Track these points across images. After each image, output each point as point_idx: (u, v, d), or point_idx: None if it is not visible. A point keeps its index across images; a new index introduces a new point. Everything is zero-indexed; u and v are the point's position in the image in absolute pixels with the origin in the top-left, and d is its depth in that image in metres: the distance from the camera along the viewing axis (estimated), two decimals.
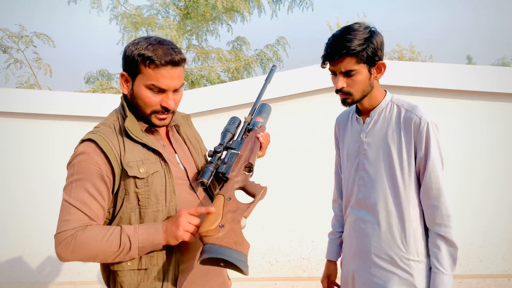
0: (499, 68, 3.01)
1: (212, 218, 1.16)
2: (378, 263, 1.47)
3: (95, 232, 1.15)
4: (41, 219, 2.88)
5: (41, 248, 2.92)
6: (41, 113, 2.96)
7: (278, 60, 10.17)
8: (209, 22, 10.36)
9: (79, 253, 1.14)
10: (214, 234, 1.12)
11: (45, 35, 8.38)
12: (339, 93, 1.46)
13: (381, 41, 1.43)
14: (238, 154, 1.37)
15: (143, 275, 1.21)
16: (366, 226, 1.51)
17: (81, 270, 2.98)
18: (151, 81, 1.21)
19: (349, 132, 1.62)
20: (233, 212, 1.19)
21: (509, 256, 3.03)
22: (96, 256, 1.15)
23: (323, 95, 3.05)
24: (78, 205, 1.16)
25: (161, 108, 1.24)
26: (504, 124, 3.01)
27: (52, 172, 2.91)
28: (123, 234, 1.15)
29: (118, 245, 1.14)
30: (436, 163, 1.39)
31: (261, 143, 1.46)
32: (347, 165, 1.60)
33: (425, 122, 1.38)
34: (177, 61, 1.22)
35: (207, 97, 3.04)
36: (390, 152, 1.45)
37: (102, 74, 10.34)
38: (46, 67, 8.46)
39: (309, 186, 3.05)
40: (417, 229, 1.44)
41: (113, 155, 1.20)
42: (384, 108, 1.49)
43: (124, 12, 9.74)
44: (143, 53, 1.20)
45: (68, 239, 1.14)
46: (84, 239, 1.13)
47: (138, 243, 1.15)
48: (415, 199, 1.44)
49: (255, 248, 3.05)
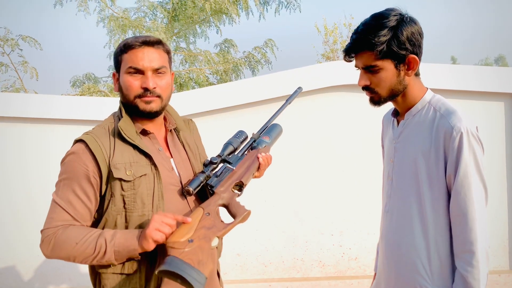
0: (499, 68, 3.07)
1: (184, 230, 1.11)
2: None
3: (75, 233, 1.15)
4: (39, 223, 2.83)
5: (35, 253, 2.89)
6: (41, 117, 2.92)
7: (267, 62, 10.18)
8: (196, 24, 10.32)
9: (58, 252, 1.16)
10: (181, 248, 1.08)
11: (31, 38, 8.26)
12: (365, 91, 1.30)
13: (413, 31, 1.19)
14: (233, 170, 1.32)
15: (125, 279, 1.20)
16: (388, 247, 1.34)
17: (72, 276, 2.94)
18: (128, 64, 1.23)
19: (388, 134, 1.44)
20: (207, 229, 1.14)
21: (500, 252, 3.08)
22: (75, 257, 1.15)
23: (317, 96, 3.06)
24: (63, 205, 1.18)
25: (143, 90, 1.23)
26: (504, 123, 3.06)
27: (51, 176, 2.86)
28: (101, 237, 1.14)
29: (94, 248, 1.13)
30: (465, 182, 1.15)
31: (260, 164, 1.40)
32: (384, 171, 1.43)
33: (458, 132, 1.15)
34: (150, 41, 1.24)
35: (195, 99, 3.02)
36: (418, 163, 1.23)
37: (88, 77, 10.22)
38: (32, 71, 8.33)
39: (303, 187, 3.06)
40: (445, 256, 1.22)
41: (102, 156, 1.19)
42: (420, 110, 1.27)
43: (112, 15, 9.65)
44: (123, 44, 1.25)
45: (50, 237, 1.16)
46: (63, 239, 1.15)
47: (114, 247, 1.13)
48: (445, 221, 1.21)
49: (249, 249, 3.04)
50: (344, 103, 3.07)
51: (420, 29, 1.22)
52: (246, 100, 2.98)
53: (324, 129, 3.07)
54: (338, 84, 3.04)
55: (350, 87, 3.05)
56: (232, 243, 3.01)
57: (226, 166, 1.34)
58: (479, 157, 1.17)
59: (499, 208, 3.07)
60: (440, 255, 1.22)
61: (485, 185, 1.19)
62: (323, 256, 3.08)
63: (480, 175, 1.18)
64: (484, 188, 1.19)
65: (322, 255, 3.08)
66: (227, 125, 2.97)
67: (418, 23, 1.23)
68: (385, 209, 1.38)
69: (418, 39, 1.21)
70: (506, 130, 3.08)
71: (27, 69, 8.30)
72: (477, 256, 1.15)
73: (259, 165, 1.41)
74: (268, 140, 1.48)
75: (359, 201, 3.06)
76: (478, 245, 1.15)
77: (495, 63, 42.80)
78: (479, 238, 1.15)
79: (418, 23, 1.23)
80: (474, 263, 1.15)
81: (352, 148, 3.05)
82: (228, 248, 3.01)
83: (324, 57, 13.30)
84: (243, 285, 2.99)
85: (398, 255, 1.30)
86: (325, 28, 13.04)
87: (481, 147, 1.19)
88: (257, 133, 1.50)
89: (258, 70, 10.10)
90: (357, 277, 3.05)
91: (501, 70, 3.08)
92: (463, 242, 1.17)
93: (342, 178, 3.07)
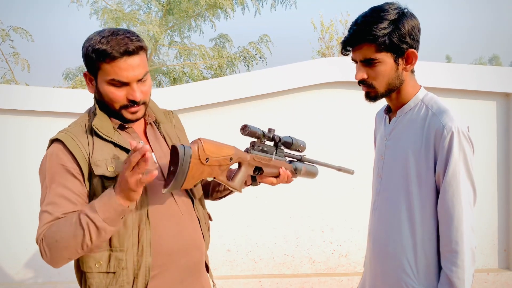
0: (493, 67, 3.08)
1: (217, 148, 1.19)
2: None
3: (57, 226, 1.10)
4: (36, 216, 2.82)
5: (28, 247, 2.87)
6: (41, 110, 2.88)
7: (262, 57, 10.16)
8: (191, 18, 10.26)
9: (55, 252, 1.10)
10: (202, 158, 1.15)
11: (22, 29, 8.15)
12: (361, 85, 1.27)
13: (413, 25, 1.19)
14: (270, 158, 1.37)
15: (111, 278, 1.17)
16: (375, 244, 1.34)
17: (61, 269, 2.91)
18: (110, 76, 1.14)
19: (379, 131, 1.43)
20: (218, 166, 1.21)
21: (489, 251, 3.10)
22: (70, 248, 1.08)
23: (310, 92, 3.05)
24: (49, 209, 1.13)
25: (129, 102, 1.18)
26: (496, 122, 3.07)
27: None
28: (81, 216, 1.07)
29: (82, 229, 1.06)
30: (454, 181, 1.15)
31: (279, 174, 1.42)
32: (374, 168, 1.42)
33: (449, 131, 1.14)
34: (132, 50, 1.13)
35: (189, 94, 2.99)
36: (408, 161, 1.22)
37: (81, 70, 10.14)
38: (23, 62, 8.22)
39: (294, 183, 3.04)
40: (431, 255, 1.21)
41: (81, 154, 1.15)
42: (412, 108, 1.26)
43: (105, 7, 9.55)
44: (97, 48, 1.13)
45: (41, 244, 1.11)
46: (50, 236, 1.09)
47: (100, 215, 1.06)
48: (433, 220, 1.21)
49: (239, 245, 3.03)
50: (337, 99, 3.06)
51: (419, 25, 1.21)
52: (241, 95, 2.96)
53: (317, 126, 3.06)
54: (332, 81, 3.02)
55: (344, 84, 3.04)
56: (222, 238, 3.00)
57: (274, 151, 1.40)
58: (469, 157, 1.16)
59: (489, 207, 3.09)
60: (426, 254, 1.22)
61: (473, 185, 1.18)
62: (314, 253, 3.08)
63: (469, 175, 1.17)
64: (473, 189, 1.18)
65: (313, 252, 3.08)
66: (220, 119, 2.96)
67: (417, 19, 1.22)
68: (374, 206, 1.37)
69: (417, 34, 1.20)
70: (497, 129, 3.09)
71: (18, 60, 8.20)
72: (461, 256, 1.14)
73: (278, 175, 1.43)
74: (303, 169, 1.52)
75: (350, 198, 3.06)
76: (464, 245, 1.14)
77: (489, 63, 43.08)
78: (465, 238, 1.14)
79: (417, 19, 1.22)
80: (459, 263, 1.14)
81: (345, 145, 3.05)
82: (218, 243, 3.00)
83: (320, 54, 13.28)
84: (233, 281, 2.98)
85: (385, 253, 1.29)
86: (321, 24, 13.00)
87: (471, 147, 1.18)
88: (305, 157, 1.55)
89: (253, 66, 10.09)
90: (347, 274, 3.05)
91: (494, 69, 3.09)
92: (448, 241, 1.16)
93: (334, 175, 3.06)
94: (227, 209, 2.97)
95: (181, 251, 1.26)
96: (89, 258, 1.16)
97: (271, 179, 1.42)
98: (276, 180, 1.43)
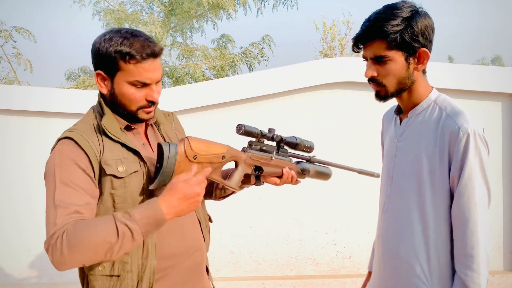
0: (498, 68, 3.05)
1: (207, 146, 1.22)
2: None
3: (87, 226, 1.03)
4: (36, 216, 2.81)
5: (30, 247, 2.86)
6: (42, 111, 2.87)
7: (264, 58, 10.13)
8: (194, 19, 10.25)
9: (76, 253, 1.02)
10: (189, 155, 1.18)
11: (25, 30, 8.14)
12: (371, 83, 1.25)
13: (426, 25, 1.16)
14: (270, 158, 1.37)
15: (115, 281, 1.15)
16: (386, 247, 1.30)
17: (63, 271, 2.90)
18: (134, 77, 1.16)
19: (389, 132, 1.40)
20: (210, 164, 1.23)
21: (494, 253, 3.08)
22: (95, 253, 1.02)
23: (313, 92, 3.03)
24: (62, 203, 1.06)
25: (147, 103, 1.20)
26: (501, 123, 3.05)
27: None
28: (119, 223, 1.02)
29: (117, 236, 1.01)
30: (469, 185, 1.12)
31: (282, 174, 1.41)
32: (383, 171, 1.40)
33: (465, 133, 1.12)
34: (157, 53, 1.19)
35: (191, 94, 2.98)
36: (421, 164, 1.19)
37: (83, 71, 10.14)
38: (26, 63, 8.21)
39: (298, 185, 3.03)
40: (445, 259, 1.18)
41: (93, 153, 1.14)
42: (425, 109, 1.24)
43: (107, 8, 9.55)
44: (120, 49, 1.14)
45: (59, 240, 1.02)
46: (76, 234, 1.01)
47: (141, 228, 1.04)
48: (447, 223, 1.18)
49: (242, 247, 3.01)
50: (341, 100, 3.05)
51: (433, 24, 1.19)
52: (243, 96, 2.95)
53: (320, 126, 3.04)
54: (335, 81, 3.01)
55: (347, 84, 3.02)
56: (225, 240, 2.99)
57: (275, 151, 1.39)
58: (485, 160, 1.14)
59: (494, 209, 3.06)
60: (440, 258, 1.19)
61: (489, 188, 1.16)
62: (317, 254, 3.06)
63: (484, 178, 1.14)
64: (488, 192, 1.16)
65: (316, 253, 3.06)
66: (223, 120, 2.94)
67: (431, 18, 1.19)
68: (383, 209, 1.34)
69: (430, 34, 1.18)
70: (503, 130, 3.07)
71: (20, 61, 8.18)
72: (477, 260, 1.11)
73: (282, 175, 1.42)
74: (312, 171, 1.51)
75: (354, 199, 3.03)
76: (479, 249, 1.11)
77: (491, 63, 42.96)
78: (480, 242, 1.11)
79: (431, 18, 1.19)
80: (474, 267, 1.11)
81: (348, 146, 3.02)
82: (221, 245, 2.98)
83: (322, 54, 13.24)
84: (236, 282, 2.96)
85: (396, 257, 1.26)
86: (323, 25, 12.95)
87: (487, 150, 1.16)
88: (314, 158, 1.53)
89: (255, 66, 10.05)
90: (351, 276, 3.03)
91: (500, 70, 3.06)
92: (463, 245, 1.14)
93: (337, 176, 3.04)
94: (230, 210, 2.96)
95: (184, 253, 1.26)
96: None
97: (275, 179, 1.42)
98: (279, 180, 1.43)
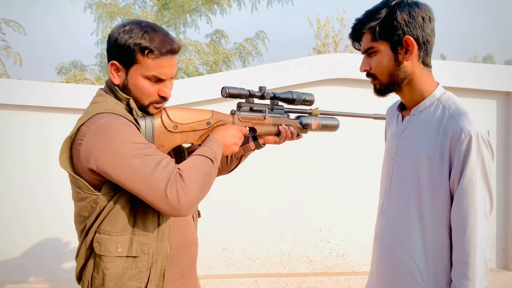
0: (493, 65, 3.05)
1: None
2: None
3: (193, 162, 1.15)
4: (36, 212, 2.75)
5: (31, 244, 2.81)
6: (42, 106, 2.81)
7: (258, 54, 10.08)
8: (187, 13, 10.16)
9: (199, 186, 1.11)
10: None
11: (15, 22, 7.98)
12: (368, 78, 1.24)
13: (413, 13, 1.12)
14: (263, 117, 1.36)
15: (131, 263, 1.13)
16: (383, 248, 1.27)
17: (53, 268, 2.85)
18: (151, 71, 1.16)
19: (390, 129, 1.35)
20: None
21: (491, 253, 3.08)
22: (211, 179, 1.17)
23: (307, 89, 3.00)
24: (149, 152, 1.08)
25: (159, 98, 1.21)
26: (496, 122, 3.05)
27: (50, 165, 2.76)
28: (205, 150, 1.19)
29: (210, 160, 1.17)
30: (469, 189, 1.07)
31: (280, 132, 1.42)
32: (383, 169, 1.36)
33: (467, 134, 1.07)
34: (176, 50, 1.20)
35: (184, 89, 2.94)
36: (421, 164, 1.15)
37: (75, 65, 10.00)
38: (15, 56, 8.05)
39: (292, 182, 3.01)
40: (443, 264, 1.14)
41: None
42: (428, 107, 1.19)
43: (100, 1, 9.42)
44: (139, 42, 1.15)
45: (180, 181, 1.07)
46: (190, 171, 1.11)
47: (217, 154, 1.21)
48: (446, 227, 1.13)
49: (236, 244, 2.99)
50: (335, 97, 3.02)
51: (424, 12, 1.14)
52: None
53: None
54: (329, 78, 2.98)
55: (341, 81, 3.00)
56: (218, 237, 2.95)
57: (267, 109, 1.39)
58: (488, 164, 1.09)
59: None
60: (438, 262, 1.15)
61: (491, 194, 1.11)
62: (311, 252, 3.04)
63: (486, 183, 1.09)
64: (490, 198, 1.11)
65: (310, 251, 3.04)
66: None
67: (425, 7, 1.16)
68: (382, 209, 1.31)
69: (419, 22, 1.13)
70: (497, 129, 3.07)
71: (10, 54, 8.01)
72: (472, 268, 1.07)
73: (279, 132, 1.43)
74: (314, 125, 1.47)
75: (348, 197, 3.02)
76: (476, 257, 1.07)
77: (483, 62, 43.28)
78: (478, 250, 1.07)
79: (425, 7, 1.16)
80: (470, 275, 1.07)
81: (343, 144, 3.00)
82: (214, 242, 2.95)
83: (316, 51, 13.21)
84: (229, 280, 2.93)
85: (393, 258, 1.23)
86: (318, 21, 12.91)
87: (491, 153, 1.11)
88: (317, 110, 1.49)
89: (249, 62, 10.00)
90: (344, 274, 3.02)
91: (495, 68, 3.06)
92: (460, 252, 1.09)
93: (332, 174, 3.02)
94: (223, 208, 2.93)
95: (186, 245, 1.28)
96: (110, 241, 1.11)
97: (273, 138, 1.42)
98: (279, 138, 1.43)
